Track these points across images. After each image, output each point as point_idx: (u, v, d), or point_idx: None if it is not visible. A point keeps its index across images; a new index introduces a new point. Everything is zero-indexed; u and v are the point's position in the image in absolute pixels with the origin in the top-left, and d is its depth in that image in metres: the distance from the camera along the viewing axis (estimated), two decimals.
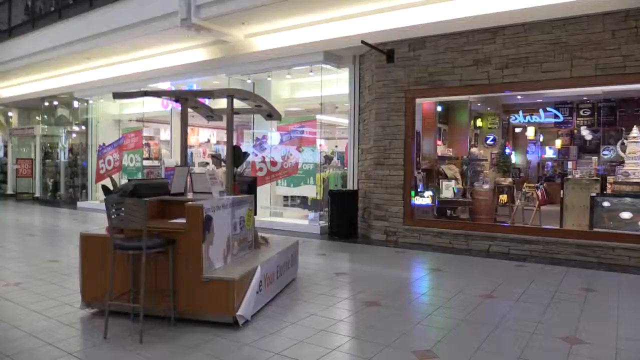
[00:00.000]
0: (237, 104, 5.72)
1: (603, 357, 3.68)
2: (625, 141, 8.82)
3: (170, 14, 9.39)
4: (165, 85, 12.89)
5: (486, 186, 9.94)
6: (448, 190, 9.78)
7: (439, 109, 11.10)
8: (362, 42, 8.29)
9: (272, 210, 11.26)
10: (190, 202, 4.35)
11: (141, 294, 3.96)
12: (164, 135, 16.18)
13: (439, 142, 11.22)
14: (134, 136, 14.09)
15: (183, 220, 4.37)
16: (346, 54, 9.75)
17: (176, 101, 5.80)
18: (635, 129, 8.68)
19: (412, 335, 4.13)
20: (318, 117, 10.54)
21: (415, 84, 8.67)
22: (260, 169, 10.77)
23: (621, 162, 8.86)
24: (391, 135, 8.93)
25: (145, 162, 14.48)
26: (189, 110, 5.83)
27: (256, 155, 10.96)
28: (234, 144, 5.63)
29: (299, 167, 10.35)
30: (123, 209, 4.03)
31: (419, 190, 9.44)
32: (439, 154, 10.96)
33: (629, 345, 3.94)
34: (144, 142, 14.61)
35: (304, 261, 6.78)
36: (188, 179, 5.30)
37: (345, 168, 10.83)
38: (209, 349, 3.77)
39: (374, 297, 5.24)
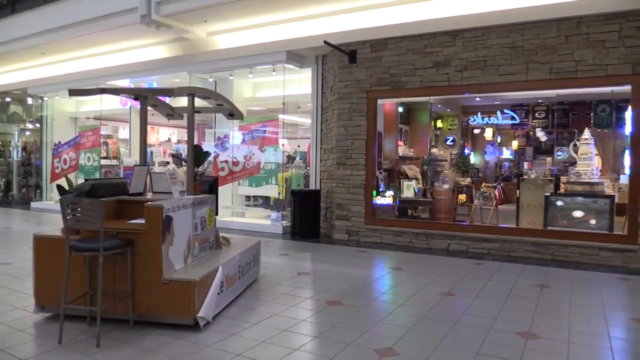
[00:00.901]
0: (199, 102, 5.64)
1: (556, 351, 3.81)
2: (577, 143, 9.16)
3: (129, 10, 9.17)
4: (124, 83, 12.58)
5: (446, 186, 10.14)
6: (409, 190, 9.93)
7: (401, 109, 11.26)
8: (325, 42, 8.32)
9: (234, 210, 11.15)
10: (149, 202, 4.26)
11: (98, 296, 3.85)
12: (123, 133, 15.80)
13: (400, 143, 11.38)
14: (92, 134, 13.68)
15: (142, 221, 4.27)
16: (309, 53, 9.76)
17: (135, 99, 5.67)
18: (586, 131, 9.04)
19: (374, 333, 4.17)
20: (280, 116, 10.51)
21: (377, 85, 8.76)
22: (222, 169, 10.65)
23: (573, 163, 9.22)
24: (353, 136, 8.99)
25: (103, 162, 14.09)
26: (149, 108, 5.71)
27: (218, 154, 10.83)
28: (195, 143, 5.54)
29: (261, 166, 10.29)
30: (79, 209, 3.91)
31: (380, 190, 9.55)
32: (400, 154, 11.12)
33: (580, 338, 4.10)
34: (102, 140, 14.21)
35: (266, 261, 6.74)
36: (147, 179, 5.19)
37: (308, 168, 10.83)
38: (168, 352, 3.70)
39: (336, 296, 5.27)
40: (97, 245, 3.84)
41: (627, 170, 7.61)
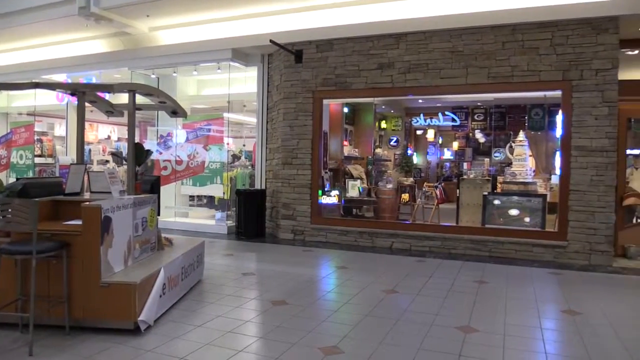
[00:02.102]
0: (140, 99, 5.47)
1: (493, 343, 3.98)
2: (513, 144, 9.58)
3: (67, 1, 8.75)
4: (60, 77, 11.98)
5: (390, 186, 10.34)
6: (354, 189, 10.06)
7: (346, 110, 11.39)
8: (271, 41, 8.29)
9: (177, 210, 10.90)
10: (86, 203, 4.10)
11: (31, 302, 3.66)
12: (59, 130, 15.05)
13: (346, 143, 11.50)
14: (24, 131, 12.96)
15: (79, 222, 4.10)
16: (255, 52, 9.68)
17: (72, 94, 5.44)
18: (521, 133, 9.48)
19: (319, 332, 4.20)
20: (225, 115, 10.37)
21: (322, 85, 8.81)
22: (165, 168, 10.39)
23: (509, 164, 9.64)
24: (299, 135, 9.01)
25: (37, 160, 13.37)
26: (87, 104, 5.49)
27: (160, 153, 10.56)
28: (136, 141, 5.38)
29: (206, 165, 10.13)
30: (10, 210, 3.71)
31: (325, 189, 9.61)
32: (346, 154, 11.24)
33: (515, 330, 4.31)
34: (36, 137, 13.49)
35: (210, 262, 6.64)
36: (85, 178, 4.99)
37: (253, 167, 10.75)
38: (107, 358, 3.57)
39: (281, 296, 5.26)
40: (30, 248, 3.65)
41: (557, 171, 8.04)
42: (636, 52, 8.30)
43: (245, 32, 8.97)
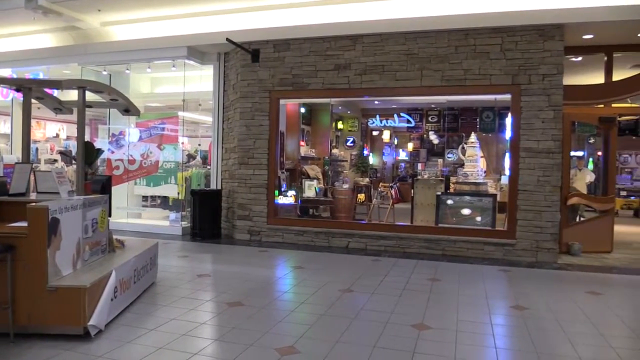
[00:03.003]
0: (91, 96, 5.30)
1: (445, 339, 4.08)
2: (465, 145, 9.86)
3: None
4: (5, 72, 11.42)
5: (346, 186, 10.43)
6: (310, 189, 10.08)
7: (303, 110, 11.40)
8: (227, 39, 8.20)
9: (129, 211, 10.61)
10: (32, 203, 3.93)
11: None
12: (4, 128, 14.37)
13: (302, 143, 11.52)
14: None
15: (24, 224, 3.93)
16: (211, 50, 9.55)
17: (18, 90, 5.20)
18: (473, 135, 9.77)
19: (275, 332, 4.19)
20: (180, 113, 10.18)
21: (279, 85, 8.79)
22: (117, 167, 10.11)
23: (462, 164, 9.90)
24: (255, 135, 8.95)
25: None
26: (34, 101, 5.26)
27: (112, 152, 10.26)
28: (87, 139, 5.20)
29: (160, 165, 9.91)
30: None
31: (282, 189, 9.60)
32: (302, 154, 11.26)
33: (466, 326, 4.43)
34: None
35: (164, 264, 6.50)
36: (31, 178, 4.78)
37: (209, 167, 10.60)
38: None
39: (237, 297, 5.21)
40: None
41: (507, 172, 8.33)
42: (580, 58, 8.72)
43: (201, 30, 8.83)
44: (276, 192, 9.14)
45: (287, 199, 9.58)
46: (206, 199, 9.09)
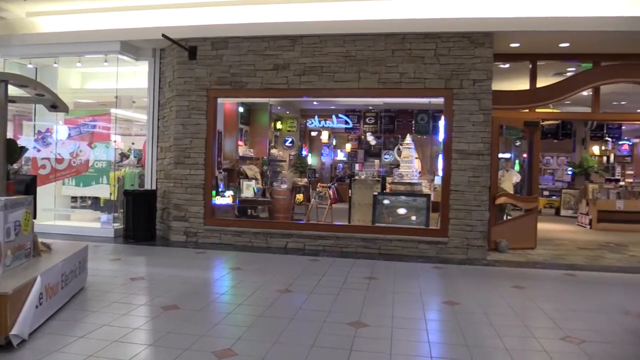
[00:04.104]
0: (14, 90, 4.99)
1: (381, 336, 4.18)
2: (400, 147, 10.14)
3: None
4: None
5: (284, 186, 10.44)
6: (248, 190, 10.01)
7: (241, 109, 11.30)
8: (163, 35, 7.98)
9: (57, 212, 10.08)
10: None
11: None
12: None
13: (241, 143, 11.41)
14: None
15: None
16: (146, 46, 9.25)
17: None
18: (408, 137, 10.06)
19: (212, 335, 4.12)
20: (113, 111, 9.78)
21: (217, 84, 8.65)
22: (43, 167, 9.57)
23: (398, 165, 10.18)
24: (192, 134, 8.76)
25: None
26: None
27: (38, 150, 9.70)
28: (9, 137, 4.89)
29: (90, 164, 9.49)
30: None
31: (219, 190, 9.46)
32: (241, 154, 11.17)
33: (402, 323, 4.56)
34: None
35: (94, 268, 6.22)
36: None
37: (143, 167, 10.27)
38: None
39: (173, 300, 5.08)
40: None
41: (440, 172, 8.64)
42: (507, 65, 9.20)
43: (136, 25, 8.53)
44: (213, 192, 9.00)
45: (225, 199, 9.45)
46: (140, 199, 8.80)
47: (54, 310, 4.50)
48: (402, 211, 8.69)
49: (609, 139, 16.63)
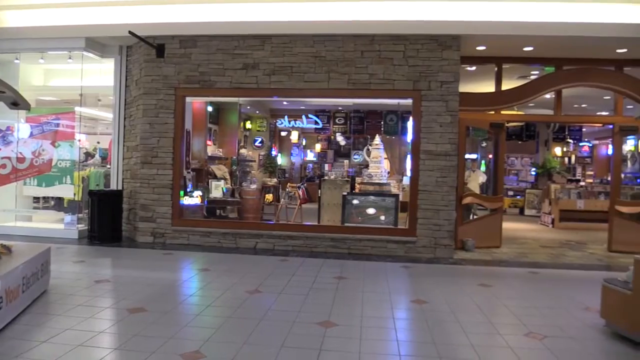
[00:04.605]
0: None
1: (351, 335, 4.21)
2: (370, 147, 10.21)
3: None
4: None
5: (254, 186, 10.38)
6: (217, 190, 9.90)
7: (210, 109, 11.18)
8: (130, 32, 7.81)
9: (18, 213, 9.76)
10: None
11: None
12: None
13: (209, 142, 11.30)
14: None
15: None
16: (112, 43, 9.06)
17: None
18: (377, 137, 10.14)
19: (180, 338, 4.07)
20: (77, 109, 9.54)
21: (185, 82, 8.54)
22: (4, 166, 9.27)
23: (367, 165, 10.25)
24: (160, 133, 8.62)
25: None
26: None
27: None
28: None
29: (54, 164, 9.23)
30: None
31: (188, 190, 9.34)
32: (209, 153, 11.04)
33: (370, 322, 4.60)
34: None
35: (58, 270, 6.06)
36: None
37: (109, 166, 10.05)
38: None
39: (139, 303, 4.99)
40: None
41: (408, 173, 8.75)
42: (474, 68, 9.38)
43: (101, 21, 8.32)
44: (181, 192, 8.88)
45: (193, 199, 9.33)
46: (106, 200, 8.61)
47: (15, 315, 4.37)
48: (371, 211, 8.76)
49: (571, 140, 17.17)
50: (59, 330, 4.13)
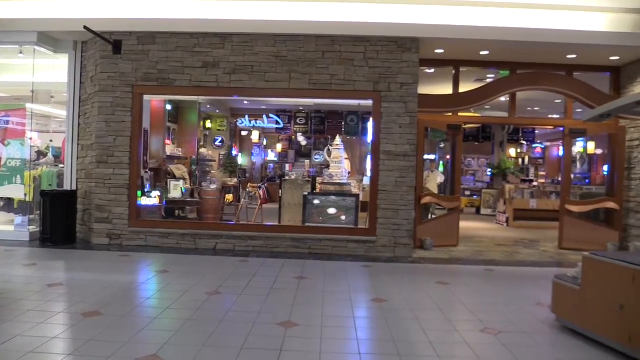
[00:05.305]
0: None
1: (311, 335, 4.22)
2: (330, 148, 10.26)
3: None
4: None
5: (214, 186, 10.26)
6: (176, 190, 9.73)
7: (169, 107, 10.98)
8: (85, 27, 7.58)
9: None
10: None
11: None
12: None
13: (168, 142, 11.09)
14: None
15: None
16: (66, 38, 8.76)
17: None
18: (338, 138, 10.21)
19: (137, 342, 3.98)
20: (29, 106, 9.17)
21: (143, 80, 8.35)
22: None
23: (328, 166, 10.30)
24: (116, 132, 8.40)
25: None
26: None
27: None
28: None
29: (3, 163, 8.85)
30: None
31: (145, 190, 9.14)
32: (168, 153, 10.84)
33: (331, 321, 4.63)
34: None
35: (7, 274, 5.84)
36: None
37: (62, 166, 9.71)
38: None
39: (95, 306, 4.85)
40: None
41: (369, 173, 8.84)
42: (432, 70, 9.56)
43: (55, 15, 8.02)
44: (139, 192, 8.68)
45: (151, 199, 9.14)
46: (59, 200, 8.31)
47: None
48: (332, 211, 8.80)
49: (524, 142, 17.77)
50: (8, 337, 3.96)
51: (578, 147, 16.29)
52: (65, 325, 4.39)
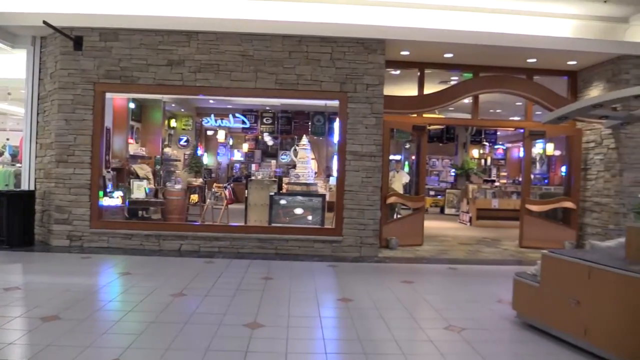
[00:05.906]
0: None
1: (278, 336, 4.21)
2: (297, 148, 10.27)
3: None
4: None
5: (178, 186, 10.10)
6: (139, 190, 9.54)
7: (132, 106, 10.75)
8: (44, 22, 7.34)
9: None
10: None
11: None
12: None
13: (131, 141, 10.86)
14: None
15: None
16: (24, 32, 8.46)
17: None
18: (304, 138, 10.22)
19: (98, 346, 3.88)
20: None
21: (105, 77, 8.16)
22: None
23: (294, 166, 10.29)
24: (77, 130, 8.17)
25: None
26: None
27: None
28: None
29: None
30: None
31: (108, 190, 8.93)
32: (131, 152, 10.62)
33: (297, 321, 4.64)
34: None
35: None
36: None
37: (20, 165, 9.39)
38: None
39: (54, 310, 4.71)
40: None
41: (335, 173, 8.88)
42: (398, 72, 9.69)
43: (12, 8, 7.77)
44: (100, 193, 8.46)
45: (114, 200, 8.94)
46: (16, 201, 8.02)
47: None
48: (298, 211, 8.80)
49: (487, 143, 18.20)
50: None
51: (538, 149, 16.79)
52: (22, 330, 4.24)
